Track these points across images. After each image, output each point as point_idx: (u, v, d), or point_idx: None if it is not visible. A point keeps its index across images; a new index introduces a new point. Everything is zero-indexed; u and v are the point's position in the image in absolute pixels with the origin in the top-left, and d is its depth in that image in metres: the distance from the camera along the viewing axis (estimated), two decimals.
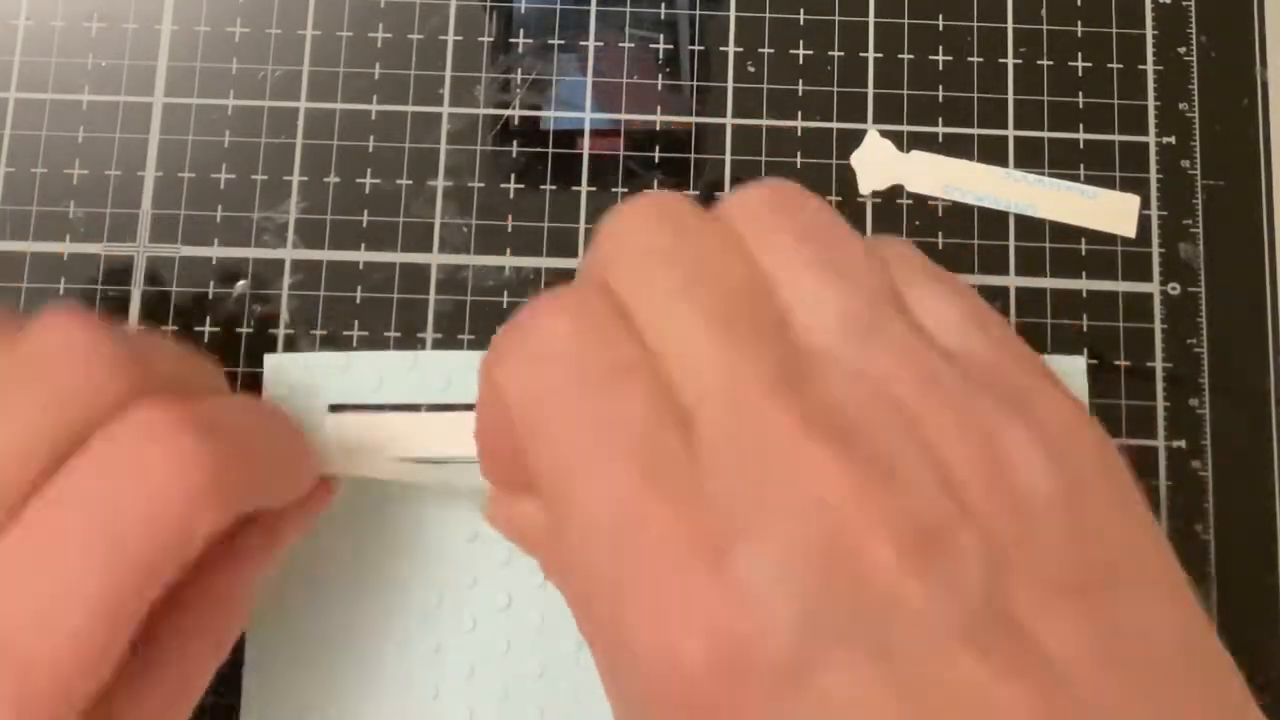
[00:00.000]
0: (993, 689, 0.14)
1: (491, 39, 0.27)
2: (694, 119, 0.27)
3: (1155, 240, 0.26)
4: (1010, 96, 0.27)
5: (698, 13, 0.27)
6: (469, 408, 0.24)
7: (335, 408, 0.24)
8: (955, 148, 0.27)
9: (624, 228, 0.17)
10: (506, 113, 0.27)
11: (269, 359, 0.25)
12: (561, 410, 0.16)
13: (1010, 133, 0.27)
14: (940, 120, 0.27)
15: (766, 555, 0.14)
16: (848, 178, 0.26)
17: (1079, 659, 0.14)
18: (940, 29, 0.27)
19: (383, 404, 0.25)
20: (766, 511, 0.15)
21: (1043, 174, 0.27)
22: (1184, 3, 0.27)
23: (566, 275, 0.26)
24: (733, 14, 0.27)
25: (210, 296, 0.26)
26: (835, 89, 0.27)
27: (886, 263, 0.18)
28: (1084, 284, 0.26)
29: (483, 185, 0.26)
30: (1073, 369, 0.25)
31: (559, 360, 0.16)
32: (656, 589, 0.15)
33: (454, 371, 0.25)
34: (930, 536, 0.15)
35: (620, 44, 0.27)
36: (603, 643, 0.16)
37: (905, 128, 0.27)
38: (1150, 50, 0.27)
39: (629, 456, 0.16)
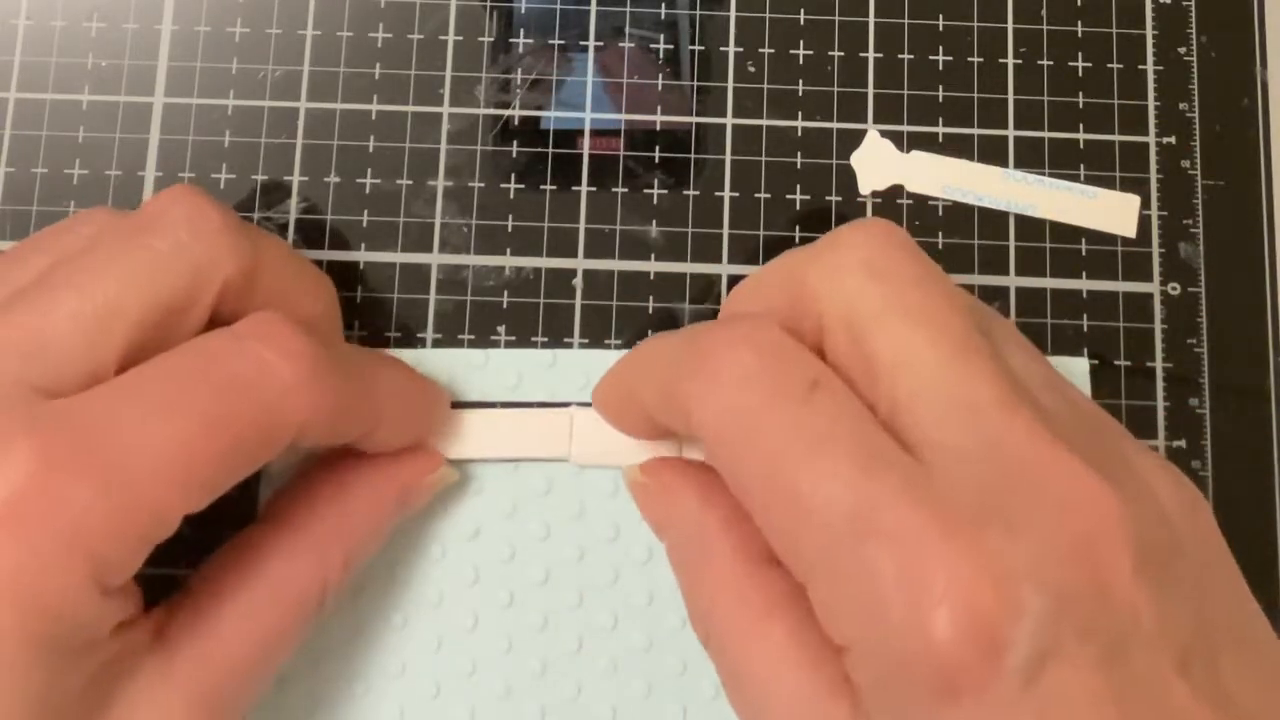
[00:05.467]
0: (1191, 713, 0.14)
1: (491, 39, 0.27)
2: (694, 119, 0.27)
3: (1155, 240, 0.26)
4: (1010, 96, 0.27)
5: (698, 13, 0.27)
6: (469, 406, 0.24)
7: None
8: (955, 148, 0.27)
9: (872, 238, 0.18)
10: (506, 113, 0.27)
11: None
12: (773, 425, 0.17)
13: (1010, 133, 0.27)
14: (940, 120, 0.27)
15: (1023, 543, 0.15)
16: (848, 178, 0.26)
17: (1250, 703, 0.15)
18: (940, 29, 0.27)
19: None
20: (1020, 503, 0.15)
21: (1043, 174, 0.27)
22: (1184, 3, 0.27)
23: (567, 275, 0.26)
24: (733, 14, 0.27)
25: None
26: (835, 89, 0.27)
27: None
28: (1084, 284, 0.26)
29: (483, 185, 0.26)
30: (1076, 372, 0.25)
31: (757, 383, 0.17)
32: (908, 571, 0.15)
33: (457, 369, 0.25)
34: (1161, 557, 0.15)
35: (620, 44, 0.27)
36: (848, 636, 0.16)
37: (905, 128, 0.27)
38: (1150, 50, 0.27)
39: (850, 452, 0.16)
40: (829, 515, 0.16)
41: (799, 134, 0.27)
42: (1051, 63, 0.27)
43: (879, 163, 0.27)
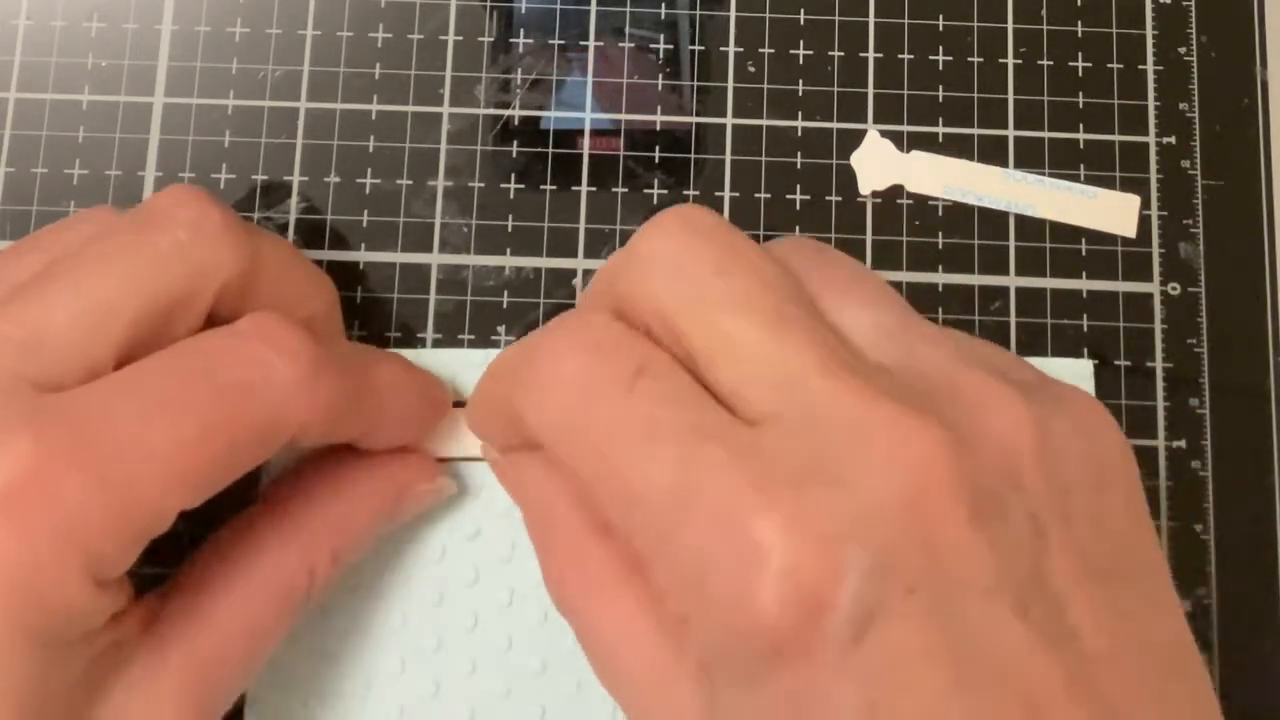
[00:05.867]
0: (1030, 658, 0.14)
1: (491, 39, 0.27)
2: (694, 119, 0.27)
3: (1155, 240, 0.26)
4: (1010, 96, 0.27)
5: (698, 13, 0.27)
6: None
7: None
8: (955, 148, 0.27)
9: (669, 235, 0.18)
10: (506, 113, 0.27)
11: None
12: (600, 420, 0.17)
13: (1010, 133, 0.27)
14: (940, 120, 0.27)
15: (846, 501, 0.15)
16: (848, 178, 0.26)
17: (1099, 641, 0.15)
18: (940, 29, 0.27)
19: None
20: (843, 461, 0.15)
21: (1043, 174, 0.27)
22: (1184, 3, 0.27)
23: (566, 275, 0.26)
24: (733, 14, 0.27)
25: None
26: (835, 89, 0.27)
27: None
28: (1084, 284, 0.26)
29: (483, 185, 0.26)
30: (1079, 374, 0.25)
31: (577, 383, 0.17)
32: (727, 540, 0.15)
33: (457, 369, 0.25)
34: (994, 501, 0.15)
35: (620, 44, 0.27)
36: (682, 614, 0.16)
37: (905, 128, 0.27)
38: (1150, 50, 0.27)
39: (675, 432, 0.16)
40: (655, 499, 0.16)
41: (799, 134, 0.27)
42: (1051, 63, 0.27)
43: (879, 163, 0.27)
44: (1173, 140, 0.27)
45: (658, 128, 0.27)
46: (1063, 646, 0.15)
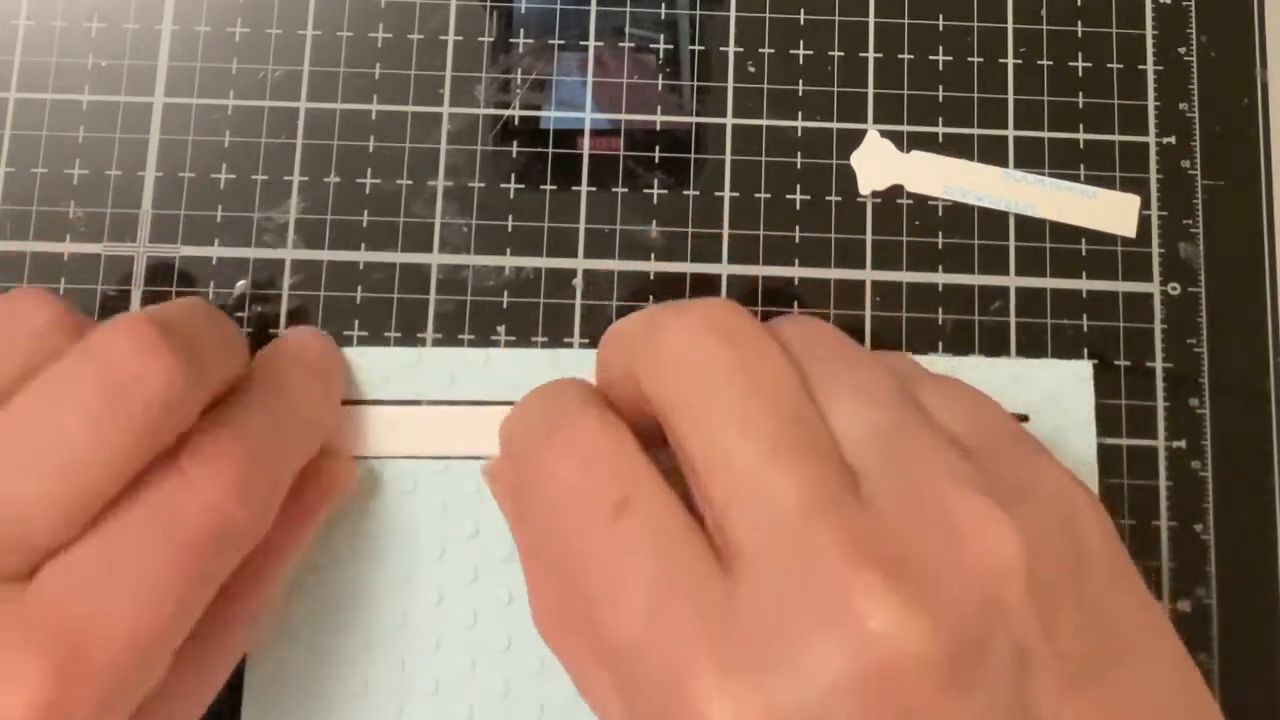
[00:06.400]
0: None
1: (491, 39, 0.27)
2: (694, 119, 0.27)
3: (1155, 240, 0.26)
4: (1010, 96, 0.27)
5: (698, 13, 0.27)
6: (469, 405, 0.24)
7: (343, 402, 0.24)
8: (955, 148, 0.27)
9: (689, 330, 0.18)
10: (506, 113, 0.27)
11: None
12: (577, 546, 0.17)
13: (1010, 133, 0.27)
14: (940, 120, 0.27)
15: (804, 686, 0.14)
16: (848, 178, 0.26)
17: None
18: (940, 29, 0.27)
19: (385, 400, 0.25)
20: (811, 638, 0.15)
21: (1043, 174, 0.27)
22: (1184, 3, 0.27)
23: (566, 275, 0.26)
24: (733, 14, 0.27)
25: (210, 296, 0.26)
26: (835, 89, 0.27)
27: (901, 375, 0.19)
28: (1084, 284, 0.26)
29: (483, 185, 0.26)
30: (1079, 376, 0.25)
31: (568, 501, 0.17)
32: (679, 704, 0.15)
33: (458, 369, 0.25)
34: (971, 656, 0.15)
35: (620, 44, 0.27)
36: None
37: (905, 128, 0.27)
38: (1150, 50, 0.27)
39: (645, 584, 0.16)
40: (620, 641, 0.16)
41: (799, 134, 0.27)
42: (1051, 63, 0.27)
43: (879, 163, 0.27)
44: (1173, 140, 0.27)
45: (658, 128, 0.27)
46: None
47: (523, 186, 0.26)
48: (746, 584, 0.15)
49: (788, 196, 0.26)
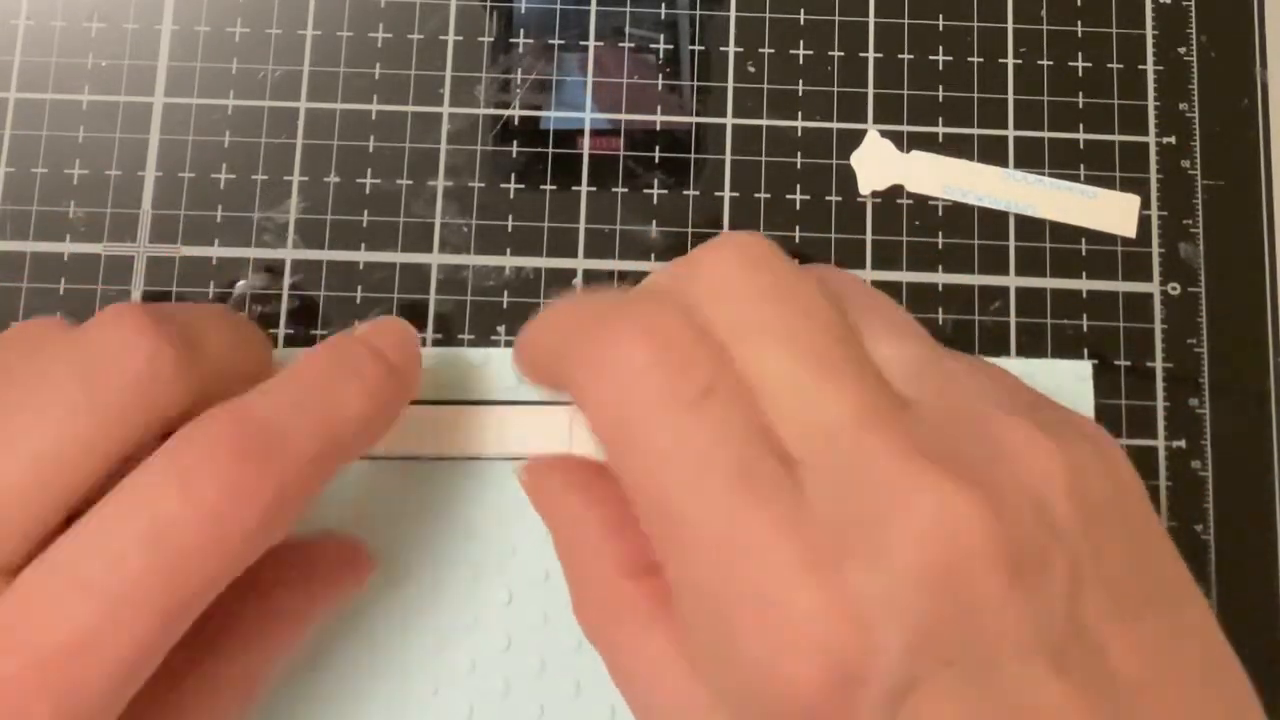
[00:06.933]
0: (1068, 708, 0.14)
1: (491, 39, 0.27)
2: (694, 119, 0.27)
3: (1155, 240, 0.26)
4: (1010, 96, 0.27)
5: (698, 13, 0.27)
6: (471, 405, 0.24)
7: None
8: (955, 148, 0.27)
9: (724, 259, 0.18)
10: (506, 113, 0.27)
11: (276, 354, 0.25)
12: (655, 432, 0.16)
13: (1010, 133, 0.27)
14: (940, 120, 0.27)
15: (880, 576, 0.15)
16: (848, 178, 0.26)
17: (1137, 676, 0.15)
18: (940, 29, 0.27)
19: None
20: (881, 532, 0.15)
21: (1043, 174, 0.27)
22: (1184, 3, 0.27)
23: (566, 275, 0.26)
24: (733, 14, 0.27)
25: (210, 296, 0.26)
26: (835, 89, 0.27)
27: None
28: (1084, 284, 0.26)
29: (483, 185, 0.26)
30: (1079, 374, 0.25)
31: (646, 382, 0.17)
32: (766, 608, 0.15)
33: (458, 369, 0.25)
34: (1032, 560, 0.15)
35: (620, 44, 0.27)
36: (708, 658, 0.16)
37: (905, 128, 0.27)
38: (1150, 50, 0.27)
39: (728, 476, 0.16)
40: (699, 543, 0.16)
41: (799, 134, 0.27)
42: (1051, 63, 0.27)
43: (879, 163, 0.27)
44: (1173, 140, 0.27)
45: (658, 128, 0.27)
46: (1102, 695, 0.15)
47: (523, 186, 0.26)
48: (812, 487, 0.16)
49: (788, 196, 0.26)
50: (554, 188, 0.26)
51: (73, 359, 0.18)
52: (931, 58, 0.27)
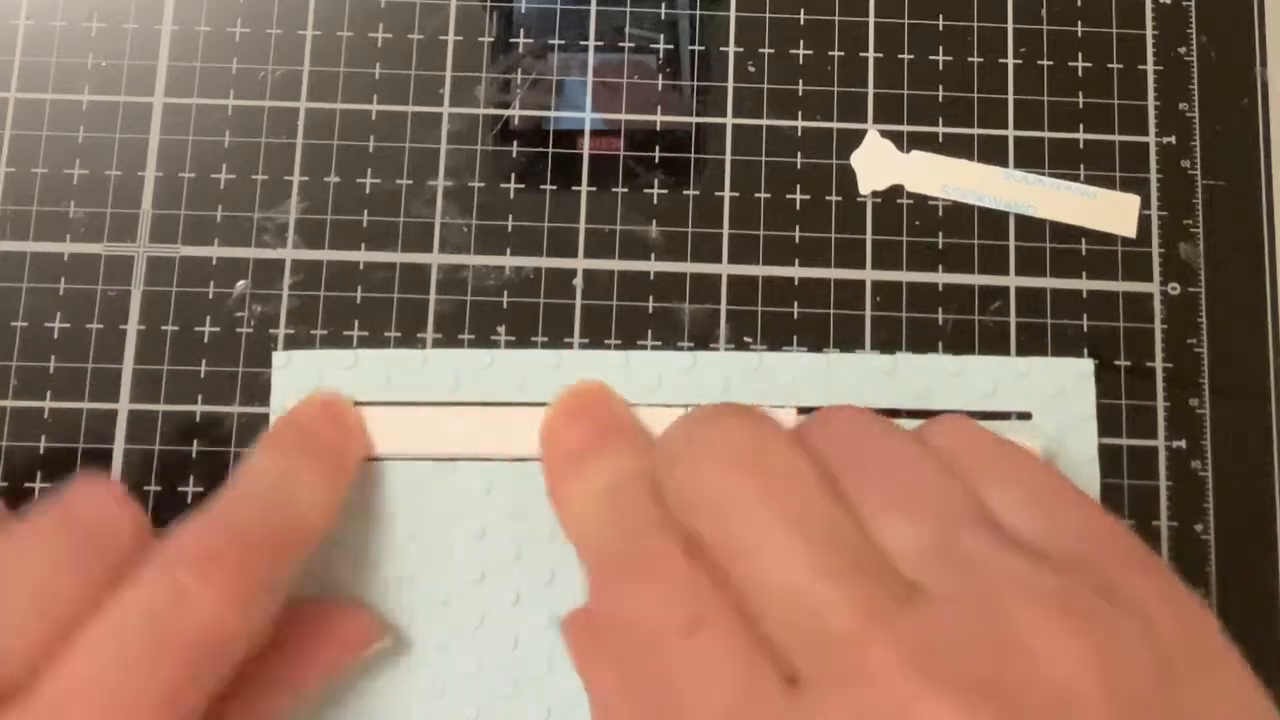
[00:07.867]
0: None
1: (491, 39, 0.27)
2: (694, 119, 0.27)
3: (1155, 240, 0.26)
4: (1010, 96, 0.27)
5: (698, 13, 0.27)
6: (476, 405, 0.24)
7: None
8: (955, 148, 0.27)
9: (707, 474, 0.18)
10: (507, 113, 0.27)
11: (277, 356, 0.25)
12: (649, 659, 0.17)
13: (1010, 133, 0.27)
14: (940, 120, 0.27)
15: None
16: (848, 178, 0.26)
17: None
18: (940, 29, 0.27)
19: (391, 401, 0.24)
20: None
21: (1043, 174, 0.27)
22: (1184, 3, 0.27)
23: (566, 275, 0.26)
24: (733, 14, 0.27)
25: (210, 296, 0.26)
26: (835, 89, 0.27)
27: (955, 455, 0.18)
28: (1084, 284, 0.26)
29: (483, 185, 0.26)
30: (1080, 373, 0.25)
31: (640, 622, 0.17)
32: None
33: (462, 370, 0.25)
34: None
35: (620, 44, 0.27)
36: None
37: (905, 128, 0.27)
38: (1150, 50, 0.27)
39: (725, 710, 0.16)
40: None
41: (799, 134, 0.27)
42: (1051, 63, 0.27)
43: (879, 163, 0.27)
44: (1173, 140, 0.27)
45: (658, 128, 0.27)
46: None
47: (523, 186, 0.26)
48: (813, 706, 0.15)
49: (788, 196, 0.26)
50: (554, 188, 0.26)
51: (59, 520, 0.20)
52: (931, 58, 0.27)
